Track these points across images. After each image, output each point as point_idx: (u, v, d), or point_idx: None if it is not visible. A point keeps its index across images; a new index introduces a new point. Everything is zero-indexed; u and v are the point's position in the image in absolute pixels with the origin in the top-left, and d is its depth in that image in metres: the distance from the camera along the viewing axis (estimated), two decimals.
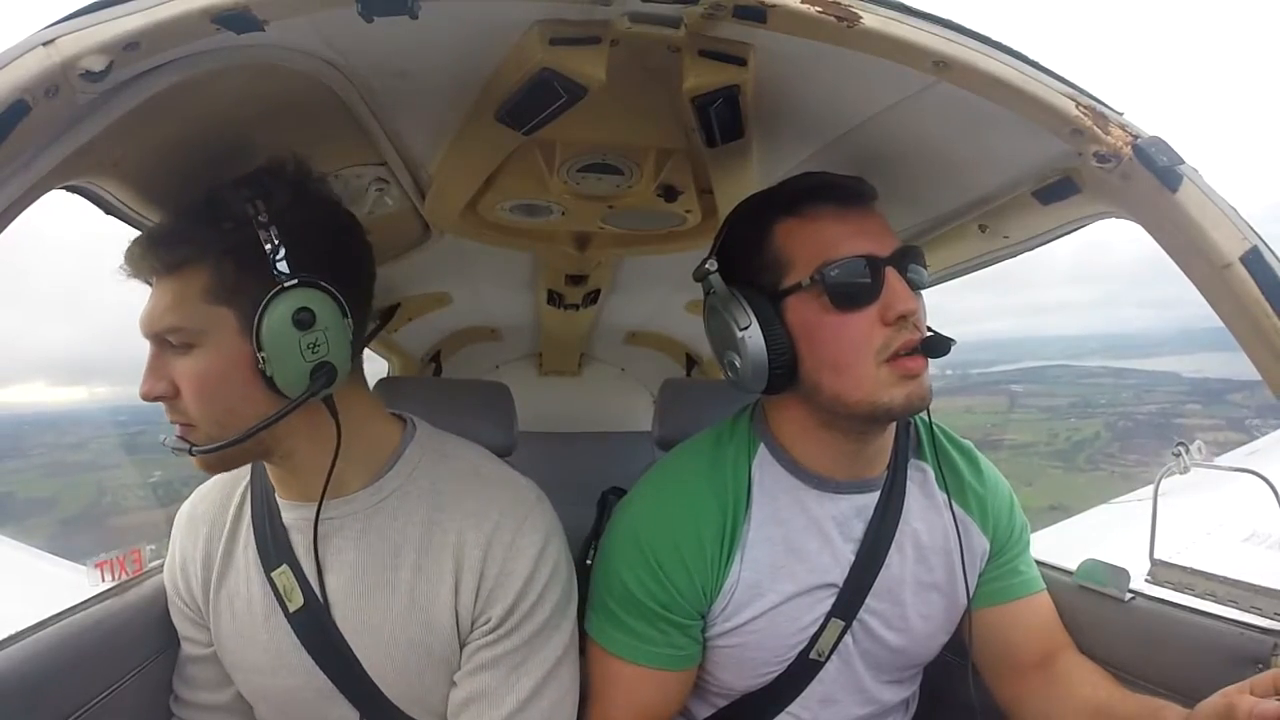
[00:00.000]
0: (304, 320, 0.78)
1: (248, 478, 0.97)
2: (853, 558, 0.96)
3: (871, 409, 0.86)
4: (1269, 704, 0.67)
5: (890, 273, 0.85)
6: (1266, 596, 0.91)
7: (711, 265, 0.93)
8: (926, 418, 1.02)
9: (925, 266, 0.91)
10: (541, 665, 0.87)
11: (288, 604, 0.89)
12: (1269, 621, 0.87)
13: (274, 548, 0.91)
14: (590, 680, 0.97)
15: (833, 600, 0.96)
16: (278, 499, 0.93)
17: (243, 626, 0.93)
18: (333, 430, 0.84)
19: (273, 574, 0.90)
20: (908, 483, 1.00)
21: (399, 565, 0.87)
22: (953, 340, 0.87)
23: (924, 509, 1.01)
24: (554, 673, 0.88)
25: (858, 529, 0.97)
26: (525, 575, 0.86)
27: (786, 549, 0.95)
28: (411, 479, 0.90)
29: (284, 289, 0.78)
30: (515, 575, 0.86)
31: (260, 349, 0.77)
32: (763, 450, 0.98)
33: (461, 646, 0.89)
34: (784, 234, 0.90)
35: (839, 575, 0.96)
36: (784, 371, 0.89)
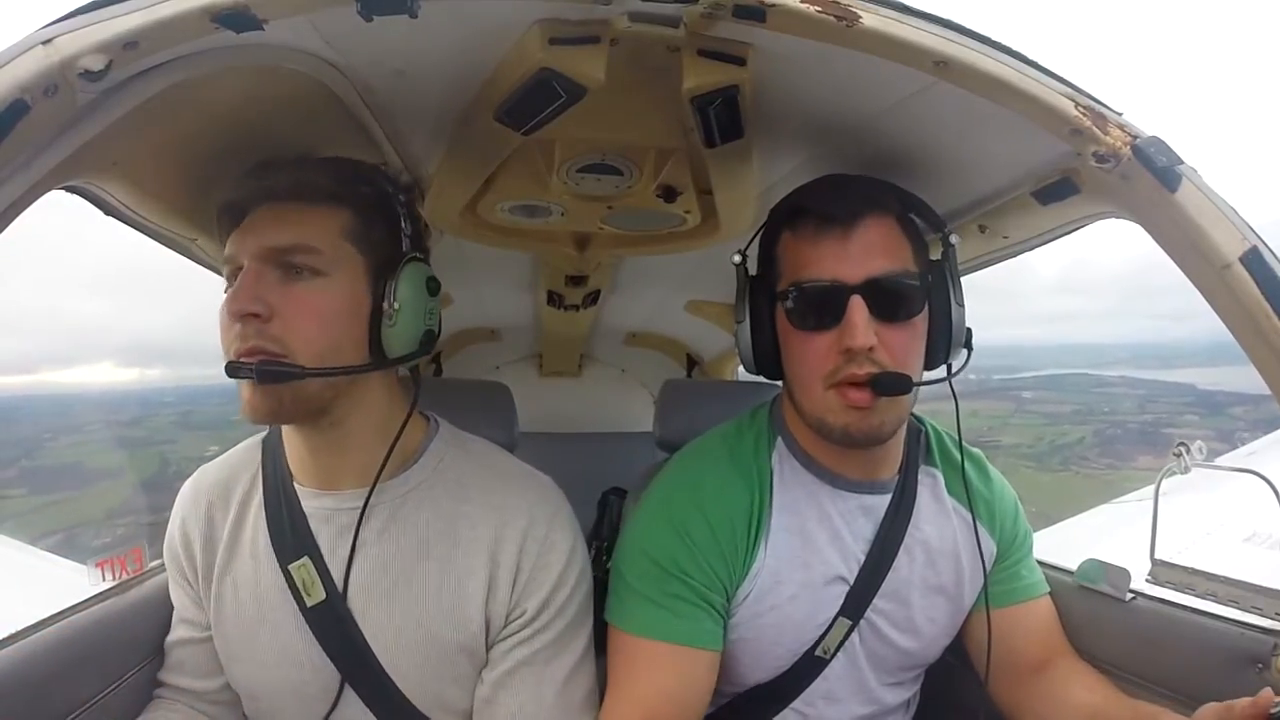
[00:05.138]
0: (433, 288, 0.87)
1: (259, 461, 0.95)
2: (863, 558, 0.98)
3: (819, 426, 0.91)
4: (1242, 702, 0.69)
5: (854, 302, 0.85)
6: (1267, 596, 0.91)
7: (736, 258, 0.99)
8: (956, 426, 1.05)
9: (917, 287, 0.89)
10: (571, 656, 0.89)
11: (305, 598, 0.87)
12: (1269, 621, 0.87)
13: (292, 539, 0.89)
14: (613, 669, 0.94)
15: (843, 598, 0.97)
16: (296, 486, 0.91)
17: (247, 618, 0.90)
18: (383, 415, 0.88)
19: (290, 566, 0.88)
20: (918, 488, 1.02)
21: (426, 558, 0.87)
22: (907, 378, 0.86)
23: (934, 513, 1.02)
24: (581, 665, 0.90)
25: (868, 530, 0.98)
26: (559, 569, 0.88)
27: (802, 539, 0.96)
28: (437, 472, 0.91)
29: (416, 258, 0.86)
30: (550, 569, 0.87)
31: (395, 300, 0.83)
32: (780, 443, 1.01)
33: (489, 644, 0.88)
34: (782, 244, 0.95)
35: (848, 572, 0.97)
36: (771, 366, 0.95)
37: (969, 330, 0.94)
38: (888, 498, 0.99)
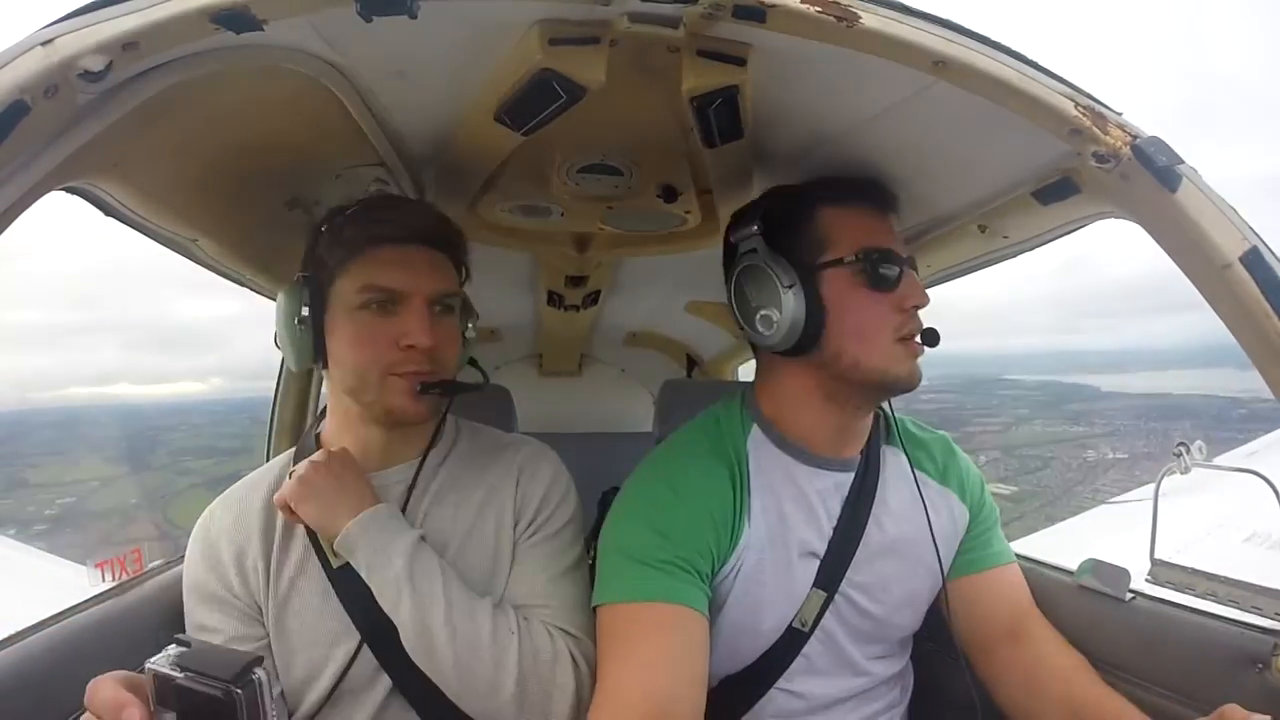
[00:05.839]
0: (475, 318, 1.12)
1: (279, 475, 1.02)
2: (832, 532, 1.01)
3: (882, 376, 0.97)
4: (1259, 717, 0.69)
5: (908, 270, 0.98)
6: (1266, 596, 0.91)
7: (757, 228, 1.00)
8: (890, 408, 1.11)
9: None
10: (569, 555, 1.02)
11: (333, 562, 0.94)
12: (1269, 621, 0.87)
13: None
14: (606, 644, 0.91)
15: (815, 571, 1.00)
16: None
17: (306, 601, 0.94)
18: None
19: (323, 541, 0.95)
20: (882, 464, 1.07)
21: (465, 521, 1.00)
22: (939, 334, 0.99)
23: (901, 486, 1.06)
24: (579, 567, 1.02)
25: (836, 505, 1.02)
26: (547, 482, 1.04)
27: (779, 517, 1.00)
28: (452, 448, 1.07)
29: (469, 302, 1.09)
30: (539, 481, 1.04)
31: (472, 327, 1.09)
32: (755, 429, 1.05)
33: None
34: (829, 217, 0.99)
35: (820, 546, 1.01)
36: (812, 333, 0.97)
37: None
38: (853, 474, 1.04)
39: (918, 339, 0.98)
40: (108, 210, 0.89)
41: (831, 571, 1.00)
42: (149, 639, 0.98)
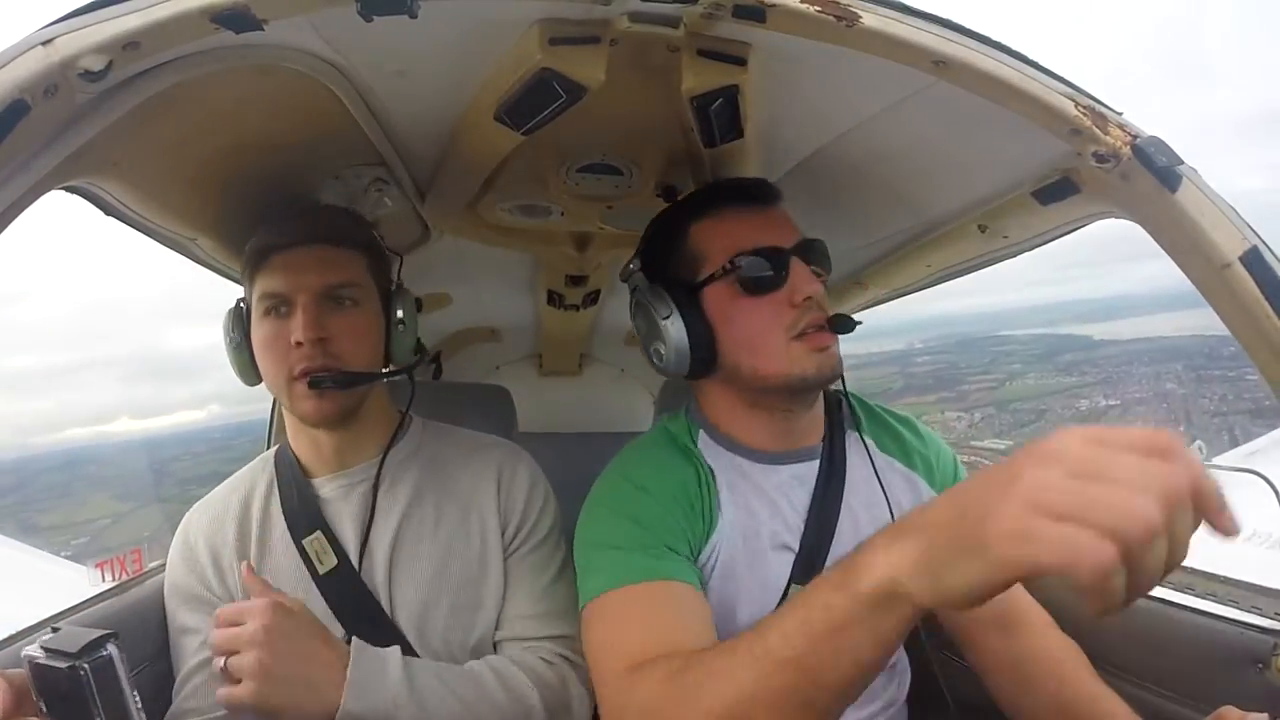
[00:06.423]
0: (418, 309, 1.10)
1: (273, 469, 1.07)
2: (803, 525, 0.99)
3: (786, 380, 0.94)
4: (1258, 716, 0.68)
5: (794, 261, 0.95)
6: (1266, 596, 0.91)
7: (635, 265, 1.04)
8: (843, 386, 1.08)
9: (827, 257, 1.01)
10: (556, 559, 1.06)
11: (318, 567, 0.97)
12: (1269, 621, 0.87)
13: (305, 518, 1.01)
14: (595, 635, 0.87)
15: (791, 565, 0.98)
16: (311, 480, 1.04)
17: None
18: (385, 410, 1.09)
19: (303, 541, 0.99)
20: (848, 451, 1.05)
21: (432, 512, 1.02)
22: (858, 321, 0.97)
23: (869, 474, 1.04)
24: (566, 568, 1.04)
25: (802, 498, 1.00)
26: (527, 488, 1.07)
27: (747, 513, 0.99)
28: (419, 448, 1.08)
29: (405, 289, 1.08)
30: (519, 486, 1.06)
31: (400, 318, 1.05)
32: (703, 434, 1.04)
33: (505, 556, 1.05)
34: (698, 233, 0.99)
35: (792, 540, 0.99)
36: (704, 356, 0.97)
37: None
38: (815, 464, 1.02)
39: (823, 329, 0.94)
40: (107, 209, 0.89)
41: (808, 565, 0.98)
42: (149, 639, 0.99)
